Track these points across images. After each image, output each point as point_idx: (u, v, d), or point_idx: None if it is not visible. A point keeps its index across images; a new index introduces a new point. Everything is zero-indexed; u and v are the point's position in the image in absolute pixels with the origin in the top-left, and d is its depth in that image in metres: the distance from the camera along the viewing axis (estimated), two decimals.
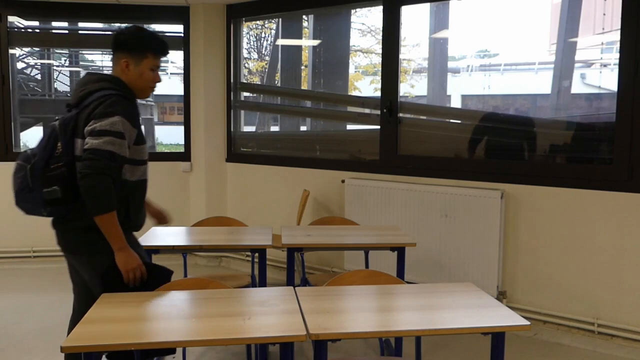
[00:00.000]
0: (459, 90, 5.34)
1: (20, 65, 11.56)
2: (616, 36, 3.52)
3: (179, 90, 5.67)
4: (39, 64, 12.97)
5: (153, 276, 2.28)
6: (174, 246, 2.99)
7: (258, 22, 6.31)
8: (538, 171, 3.85)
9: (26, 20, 5.77)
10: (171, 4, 5.40)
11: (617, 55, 3.52)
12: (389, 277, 2.43)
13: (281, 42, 6.05)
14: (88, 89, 2.27)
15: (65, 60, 14.66)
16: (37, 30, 6.28)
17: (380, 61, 4.55)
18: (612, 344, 3.53)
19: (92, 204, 2.13)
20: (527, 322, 1.91)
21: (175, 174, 3.99)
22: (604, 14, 4.03)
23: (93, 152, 2.11)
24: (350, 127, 5.39)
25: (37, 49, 12.01)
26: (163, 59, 2.42)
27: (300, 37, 5.92)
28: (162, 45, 2.42)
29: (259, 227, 3.58)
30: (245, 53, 5.96)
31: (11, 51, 5.52)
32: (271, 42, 6.47)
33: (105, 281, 2.20)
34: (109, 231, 2.16)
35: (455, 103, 5.26)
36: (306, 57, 5.86)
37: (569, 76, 4.29)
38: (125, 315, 1.90)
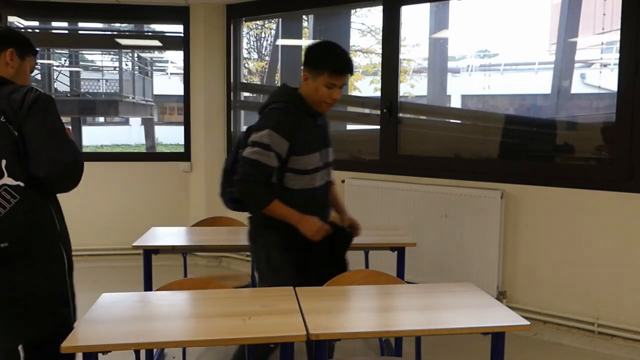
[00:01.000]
0: (459, 90, 5.34)
1: None
2: (616, 36, 3.52)
3: (179, 90, 5.67)
4: (38, 64, 12.97)
5: (338, 235, 2.51)
6: (174, 246, 2.99)
7: (258, 22, 6.31)
8: (538, 171, 3.85)
9: (26, 20, 5.77)
10: (171, 4, 5.39)
11: (617, 55, 3.51)
12: (389, 277, 2.43)
13: (281, 42, 6.05)
14: (268, 101, 2.54)
15: (65, 60, 14.67)
16: (37, 30, 6.28)
17: (380, 61, 4.54)
18: (612, 344, 3.53)
19: (249, 204, 2.51)
20: (527, 322, 1.91)
21: (175, 174, 4.00)
22: (604, 14, 4.03)
23: (243, 160, 2.40)
24: (350, 127, 5.39)
25: (37, 49, 12.01)
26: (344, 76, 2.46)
27: (300, 37, 5.92)
28: (339, 64, 2.42)
29: None
30: (245, 53, 5.97)
31: None
32: (271, 42, 6.48)
33: (300, 275, 2.41)
34: (280, 215, 2.41)
35: (455, 103, 5.27)
36: None
37: (569, 76, 4.29)
38: (126, 315, 1.90)
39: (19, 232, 1.83)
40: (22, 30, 5.82)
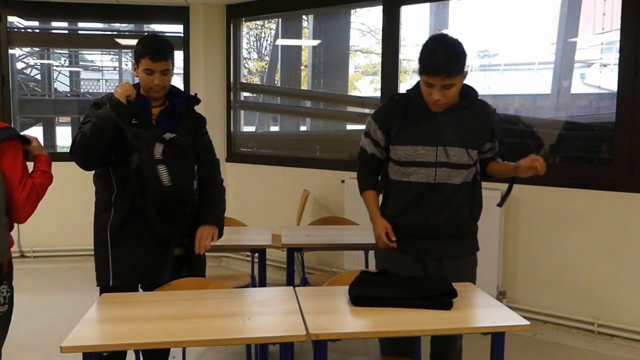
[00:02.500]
0: None
1: (20, 65, 11.54)
2: (616, 36, 3.52)
3: None
4: (38, 64, 12.95)
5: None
6: None
7: (258, 22, 6.31)
8: None
9: (26, 20, 5.77)
10: (171, 4, 5.39)
11: (617, 55, 3.51)
12: None
13: (281, 42, 6.05)
14: None
15: (65, 60, 14.65)
16: (37, 30, 6.28)
17: (380, 61, 4.54)
18: (612, 344, 3.53)
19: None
20: (527, 322, 1.91)
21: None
22: (604, 14, 4.03)
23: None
24: (350, 127, 5.39)
25: (37, 49, 11.99)
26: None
27: (300, 37, 5.92)
28: (423, 64, 2.29)
29: (259, 227, 3.58)
30: (245, 53, 5.96)
31: (11, 51, 5.52)
32: (271, 42, 6.47)
33: None
34: (366, 206, 2.54)
35: None
36: (306, 57, 5.86)
37: (569, 76, 4.29)
38: (126, 316, 1.90)
39: None
40: (22, 30, 5.82)
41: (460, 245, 2.43)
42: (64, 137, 14.31)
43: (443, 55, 2.21)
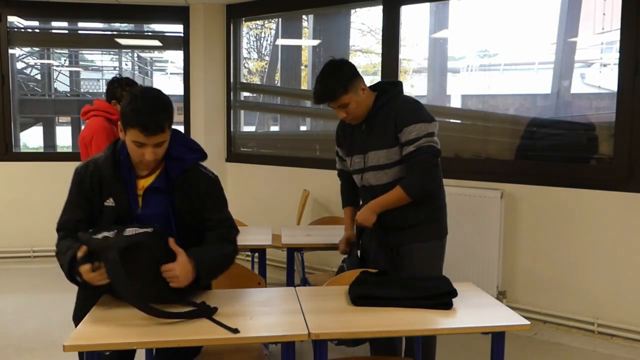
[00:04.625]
0: (459, 90, 5.34)
1: (20, 65, 11.56)
2: (616, 36, 3.52)
3: (179, 90, 5.68)
4: (38, 64, 12.97)
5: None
6: None
7: (258, 22, 6.31)
8: (538, 171, 3.85)
9: (26, 20, 5.77)
10: (171, 4, 5.39)
11: (617, 55, 3.52)
12: None
13: (281, 42, 6.05)
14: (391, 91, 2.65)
15: (65, 60, 14.66)
16: (37, 30, 6.28)
17: (380, 61, 4.55)
18: (612, 344, 3.54)
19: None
20: (527, 322, 1.91)
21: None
22: (604, 14, 4.03)
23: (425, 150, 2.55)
24: None
25: (37, 49, 12.01)
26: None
27: (300, 37, 5.92)
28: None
29: (259, 227, 3.58)
30: (245, 53, 5.96)
31: (11, 51, 5.52)
32: (271, 42, 6.48)
33: None
34: None
35: (455, 103, 5.26)
36: (306, 57, 5.86)
37: (569, 76, 4.29)
38: (127, 315, 1.90)
39: None
40: (22, 30, 5.82)
41: (414, 232, 2.55)
42: (64, 137, 14.33)
43: (319, 87, 2.53)
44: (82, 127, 3.56)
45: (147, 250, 1.84)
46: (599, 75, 4.31)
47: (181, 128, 5.52)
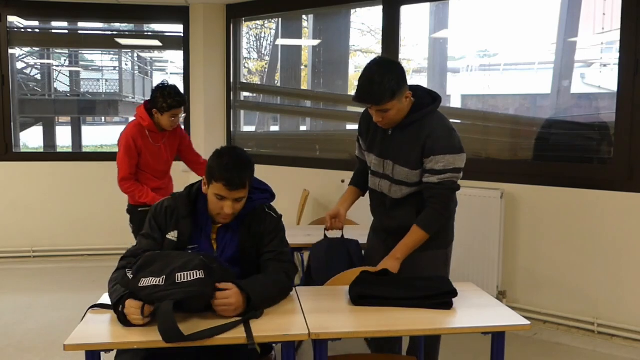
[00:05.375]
0: (459, 90, 5.34)
1: (20, 65, 11.56)
2: (616, 36, 3.52)
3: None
4: (38, 64, 12.96)
5: None
6: None
7: (258, 22, 6.31)
8: (538, 171, 3.85)
9: (26, 20, 5.77)
10: (171, 4, 5.40)
11: (617, 55, 3.52)
12: None
13: (281, 42, 6.05)
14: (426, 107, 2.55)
15: (65, 60, 14.64)
16: (37, 30, 6.28)
17: None
18: (612, 343, 3.54)
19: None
20: (527, 322, 1.91)
21: (175, 173, 4.01)
22: (604, 14, 4.03)
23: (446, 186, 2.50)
24: (350, 127, 5.39)
25: (37, 49, 12.00)
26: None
27: (300, 37, 5.92)
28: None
29: None
30: (245, 53, 5.97)
31: (11, 51, 5.52)
32: (271, 42, 6.48)
33: None
34: None
35: (455, 103, 5.27)
36: (306, 57, 5.86)
37: (569, 76, 4.29)
38: None
39: None
40: (22, 30, 5.82)
41: None
42: (64, 137, 14.33)
43: (367, 86, 2.29)
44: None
45: (199, 298, 1.84)
46: (599, 75, 4.31)
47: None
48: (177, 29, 5.63)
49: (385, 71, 2.28)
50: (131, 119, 3.77)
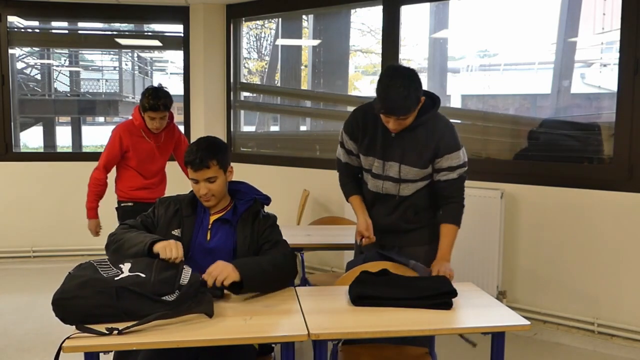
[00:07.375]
0: (459, 90, 5.34)
1: (20, 65, 11.55)
2: (616, 36, 3.52)
3: (179, 90, 5.67)
4: (38, 64, 12.95)
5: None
6: None
7: (258, 22, 6.31)
8: (538, 171, 3.85)
9: (26, 20, 5.77)
10: (171, 4, 5.40)
11: (617, 55, 3.52)
12: None
13: (281, 42, 6.05)
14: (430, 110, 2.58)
15: (65, 60, 14.64)
16: (37, 30, 6.28)
17: (380, 61, 4.55)
18: (612, 343, 3.54)
19: None
20: (527, 322, 1.91)
21: (175, 173, 4.02)
22: (604, 14, 4.03)
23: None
24: None
25: (37, 49, 12.00)
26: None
27: (300, 37, 5.92)
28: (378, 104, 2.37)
29: None
30: (245, 53, 5.96)
31: (11, 51, 5.52)
32: (271, 42, 6.47)
33: None
34: (353, 210, 2.79)
35: (455, 103, 5.26)
36: (306, 57, 5.86)
37: (569, 76, 4.29)
38: None
39: None
40: (22, 30, 5.82)
41: (414, 235, 2.62)
42: (64, 137, 14.32)
43: (397, 97, 2.26)
44: None
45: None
46: (599, 75, 4.31)
47: (181, 128, 5.52)
48: (177, 29, 5.63)
49: (410, 82, 2.28)
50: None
